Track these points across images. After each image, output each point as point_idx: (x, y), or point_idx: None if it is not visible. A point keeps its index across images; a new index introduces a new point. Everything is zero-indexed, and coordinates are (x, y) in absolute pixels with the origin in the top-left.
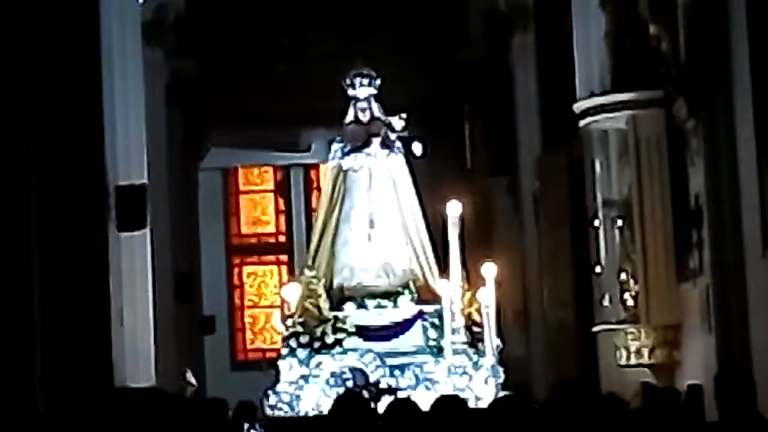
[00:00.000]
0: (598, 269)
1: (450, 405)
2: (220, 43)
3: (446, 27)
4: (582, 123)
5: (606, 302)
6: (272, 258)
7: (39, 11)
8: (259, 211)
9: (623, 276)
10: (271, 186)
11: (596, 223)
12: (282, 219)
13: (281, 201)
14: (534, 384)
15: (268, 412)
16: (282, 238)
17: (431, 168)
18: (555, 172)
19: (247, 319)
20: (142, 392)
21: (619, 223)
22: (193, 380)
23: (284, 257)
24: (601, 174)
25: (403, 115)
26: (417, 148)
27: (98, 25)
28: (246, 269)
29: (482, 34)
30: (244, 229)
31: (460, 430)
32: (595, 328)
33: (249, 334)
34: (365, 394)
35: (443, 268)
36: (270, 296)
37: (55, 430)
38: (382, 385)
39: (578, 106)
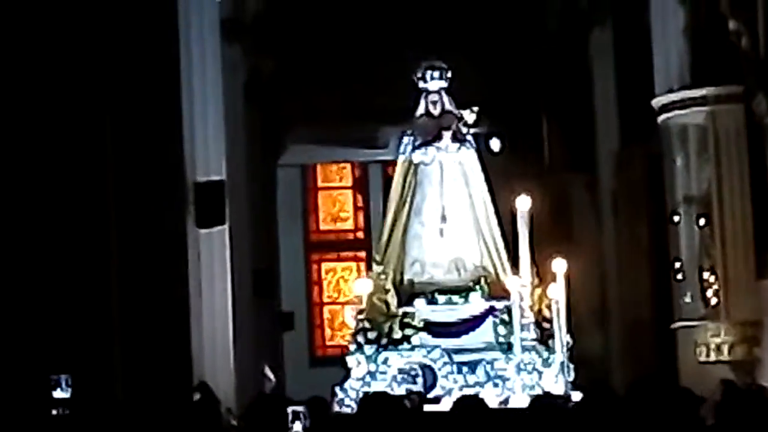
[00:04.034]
0: (677, 265)
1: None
2: (298, 40)
3: (523, 22)
4: (661, 119)
5: (687, 299)
6: (351, 254)
7: (118, 9)
8: (337, 208)
9: (704, 272)
10: (349, 182)
11: (676, 219)
12: (360, 215)
13: (359, 197)
14: (612, 380)
15: (336, 408)
16: (360, 235)
17: (508, 164)
18: (633, 168)
19: (326, 316)
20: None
21: (701, 221)
22: (271, 376)
23: (362, 254)
24: (681, 170)
25: (475, 109)
26: (495, 144)
27: (177, 22)
28: (324, 265)
29: (560, 29)
30: (323, 226)
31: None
32: (674, 325)
33: (328, 331)
34: (407, 403)
35: (516, 264)
36: (348, 293)
37: (134, 420)
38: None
39: (657, 102)
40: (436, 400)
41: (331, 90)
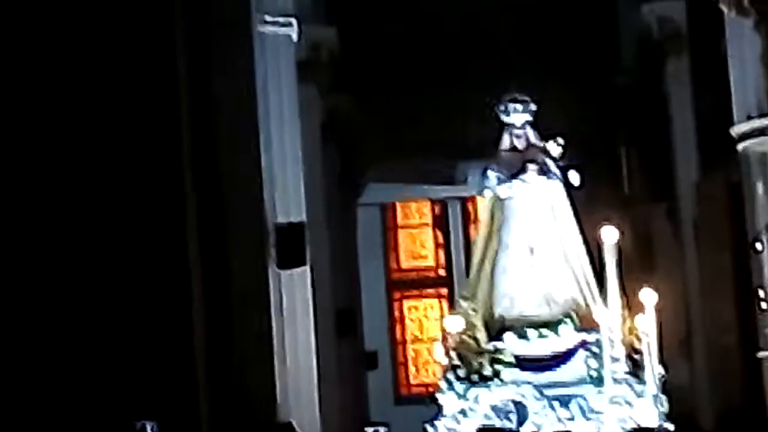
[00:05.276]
0: (761, 294)
1: None
2: (375, 79)
3: (599, 54)
4: (740, 146)
5: None
6: (432, 291)
7: (195, 51)
8: (417, 245)
9: None
10: (429, 220)
11: (758, 246)
12: (441, 252)
13: (440, 234)
14: (699, 412)
15: None
16: (441, 272)
17: (588, 196)
18: (714, 197)
19: (409, 354)
20: None
21: None
22: None
23: (444, 290)
24: (762, 197)
25: (560, 140)
26: (573, 177)
27: (254, 64)
28: (406, 303)
29: (636, 60)
30: (404, 264)
31: None
32: (760, 354)
33: (412, 369)
34: None
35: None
36: (432, 330)
37: None
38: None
39: (735, 130)
40: None
41: (408, 127)
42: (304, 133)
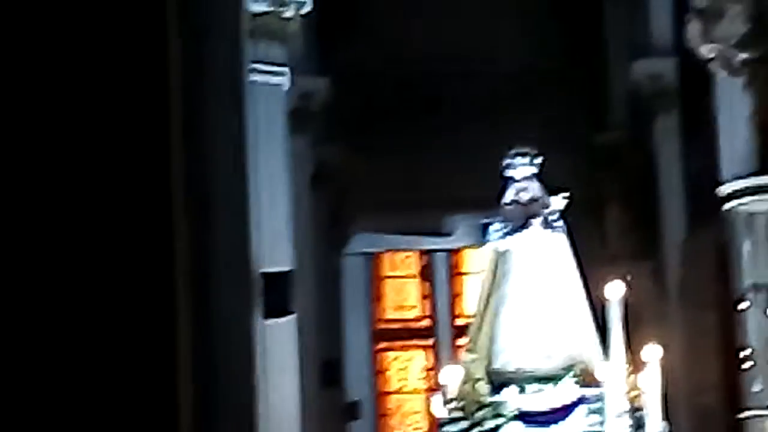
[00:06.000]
0: (745, 353)
1: None
2: (365, 130)
3: (586, 111)
4: (727, 206)
5: (755, 387)
6: (416, 343)
7: (189, 102)
8: (402, 296)
9: None
10: (414, 271)
11: (742, 305)
12: (426, 304)
13: (425, 286)
14: None
15: None
16: (426, 323)
17: (572, 252)
18: (700, 257)
19: (390, 405)
20: None
21: None
22: None
23: (429, 342)
24: (748, 258)
25: (566, 194)
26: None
27: (245, 114)
28: (390, 354)
29: (624, 116)
30: (388, 314)
31: None
32: (742, 414)
33: (394, 420)
34: None
35: (606, 351)
36: (414, 382)
37: None
38: None
39: (723, 190)
40: None
41: (397, 179)
42: (294, 183)
